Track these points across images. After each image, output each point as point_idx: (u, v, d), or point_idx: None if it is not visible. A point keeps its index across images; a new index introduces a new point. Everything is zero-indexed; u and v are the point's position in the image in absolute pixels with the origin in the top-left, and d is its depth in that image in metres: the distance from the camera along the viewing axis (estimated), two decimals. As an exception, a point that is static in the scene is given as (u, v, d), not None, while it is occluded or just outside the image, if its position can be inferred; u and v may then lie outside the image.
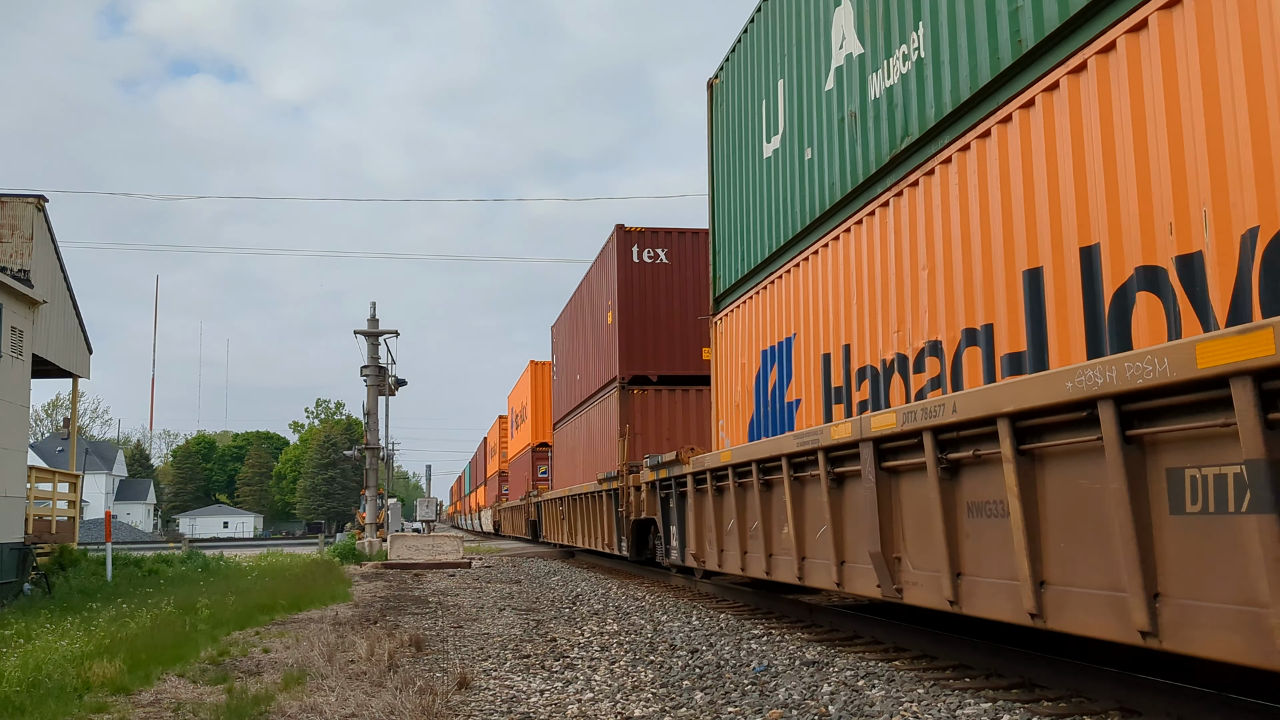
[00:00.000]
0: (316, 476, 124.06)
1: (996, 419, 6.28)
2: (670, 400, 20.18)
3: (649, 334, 20.27)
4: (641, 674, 8.57)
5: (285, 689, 7.98)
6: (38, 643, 10.09)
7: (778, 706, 7.06)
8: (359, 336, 35.09)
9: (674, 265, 20.66)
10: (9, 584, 16.45)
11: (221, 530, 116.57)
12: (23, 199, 19.14)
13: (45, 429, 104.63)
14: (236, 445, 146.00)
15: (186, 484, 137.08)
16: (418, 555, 27.02)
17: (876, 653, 9.24)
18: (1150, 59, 6.15)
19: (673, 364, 20.31)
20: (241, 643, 10.93)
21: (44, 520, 20.08)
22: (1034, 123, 7.28)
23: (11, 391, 17.06)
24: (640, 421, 19.79)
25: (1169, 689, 6.15)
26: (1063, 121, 6.94)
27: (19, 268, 18.42)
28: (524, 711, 7.11)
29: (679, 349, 20.25)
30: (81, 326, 22.34)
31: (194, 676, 8.80)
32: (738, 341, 13.82)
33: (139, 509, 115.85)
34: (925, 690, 7.30)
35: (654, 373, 20.17)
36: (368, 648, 9.96)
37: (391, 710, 7.07)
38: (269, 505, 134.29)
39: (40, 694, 7.73)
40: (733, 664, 8.90)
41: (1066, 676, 7.05)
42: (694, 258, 20.65)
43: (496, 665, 9.21)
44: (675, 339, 20.28)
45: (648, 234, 20.84)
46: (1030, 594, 6.11)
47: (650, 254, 20.61)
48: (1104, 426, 5.32)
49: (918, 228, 8.90)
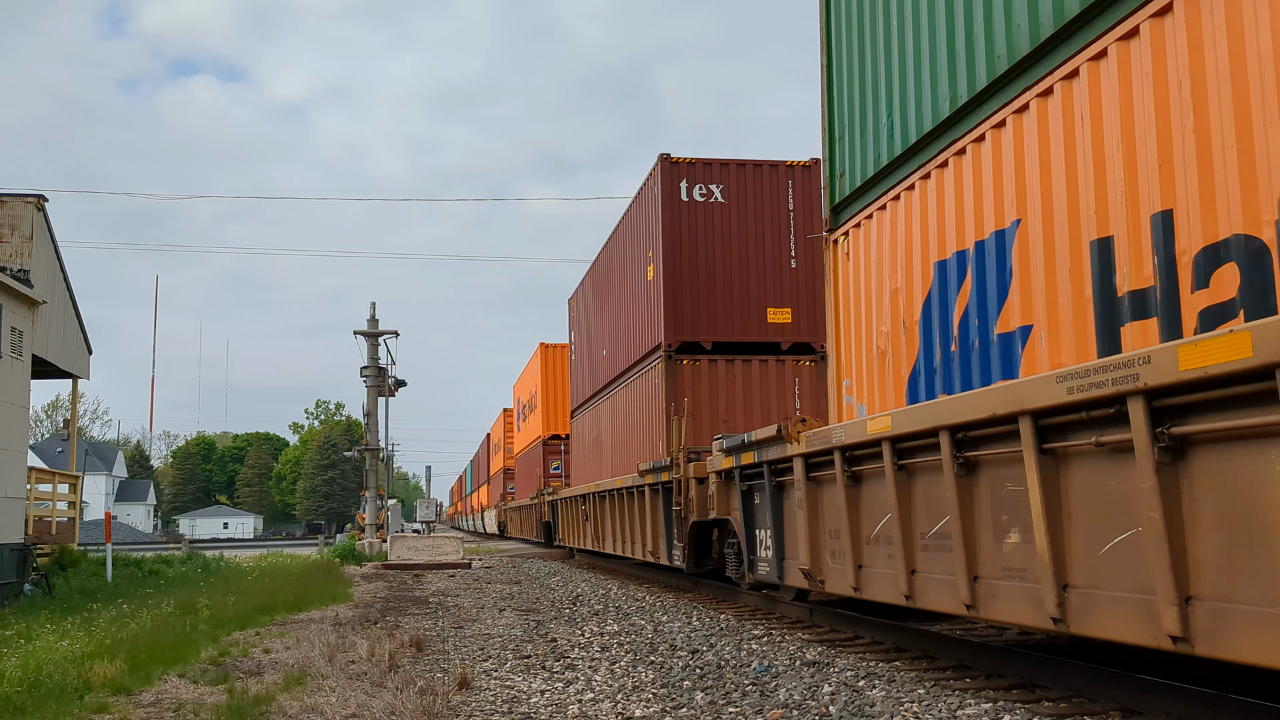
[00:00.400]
0: (316, 477, 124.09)
1: None
2: (728, 374, 16.58)
3: (701, 291, 16.74)
4: (642, 674, 8.57)
5: (286, 689, 7.98)
6: (38, 643, 10.10)
7: (778, 707, 7.06)
8: (359, 337, 35.10)
9: (732, 206, 16.93)
10: (9, 585, 16.45)
11: (221, 531, 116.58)
12: (22, 198, 19.15)
13: (45, 430, 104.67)
14: (236, 446, 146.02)
15: (186, 485, 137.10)
16: (418, 556, 27.03)
17: (877, 653, 9.24)
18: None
19: (731, 328, 16.72)
20: (242, 643, 10.93)
21: (44, 521, 20.08)
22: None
23: (11, 392, 17.06)
24: (691, 400, 16.21)
25: (1169, 689, 6.15)
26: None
27: (19, 267, 18.42)
28: (525, 712, 7.11)
29: (739, 310, 16.72)
30: (81, 327, 22.34)
31: (195, 677, 8.80)
32: (881, 259, 9.67)
33: (139, 510, 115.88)
34: (926, 691, 7.30)
35: (708, 338, 16.58)
36: (368, 648, 9.96)
37: (392, 710, 7.07)
38: (269, 506, 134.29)
39: (41, 694, 7.73)
40: (733, 664, 8.91)
41: (1067, 676, 7.05)
42: (758, 196, 17.00)
43: (497, 665, 9.22)
44: (734, 297, 16.77)
45: (699, 166, 16.98)
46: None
47: (703, 191, 16.91)
48: None
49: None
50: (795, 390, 16.43)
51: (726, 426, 16.06)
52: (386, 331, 35.21)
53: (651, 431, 17.26)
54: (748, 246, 16.83)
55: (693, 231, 16.78)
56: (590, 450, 24.18)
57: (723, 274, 16.73)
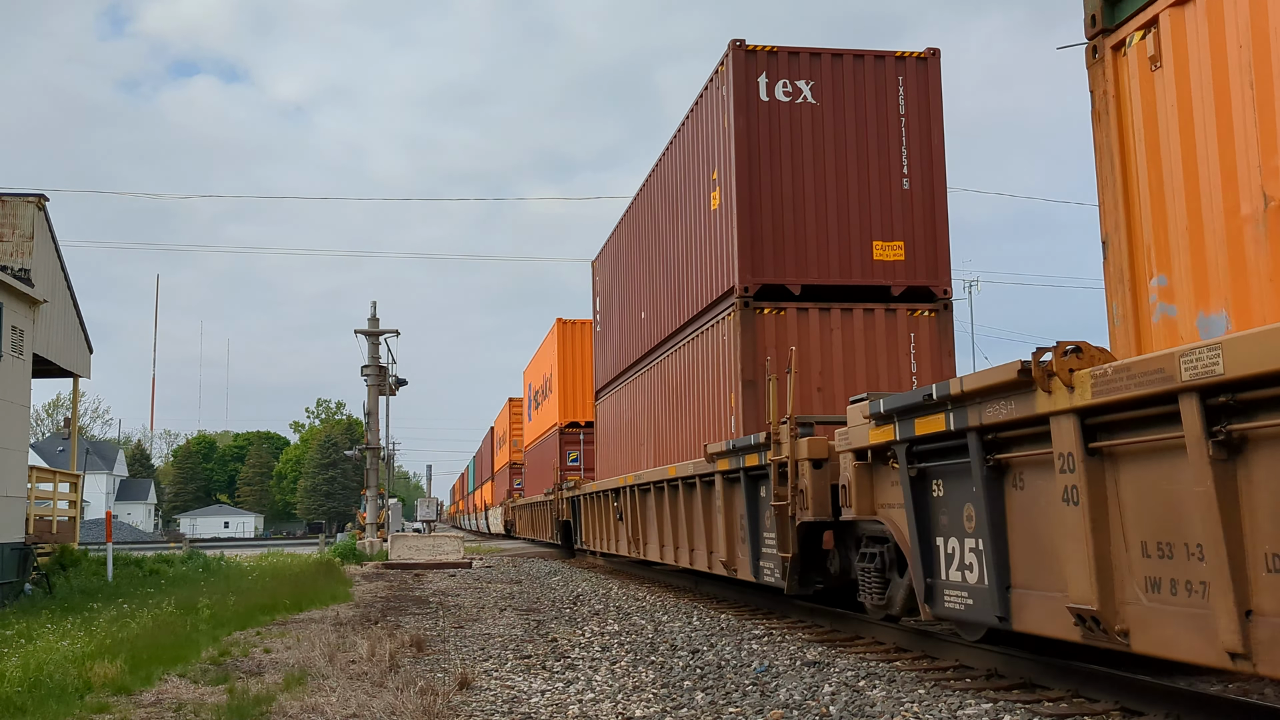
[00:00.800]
0: (317, 476, 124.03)
1: None
2: (822, 328, 12.82)
3: (786, 220, 13.00)
4: (643, 674, 8.58)
5: (286, 689, 7.99)
6: (39, 643, 10.10)
7: (779, 707, 7.06)
8: (359, 336, 35.10)
9: (826, 108, 13.24)
10: (10, 584, 16.46)
11: (222, 530, 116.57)
12: (23, 198, 19.16)
13: (46, 429, 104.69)
14: (237, 445, 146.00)
15: (187, 484, 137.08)
16: (418, 555, 27.04)
17: (878, 653, 9.23)
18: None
19: (825, 268, 13.01)
20: (242, 643, 10.94)
21: (45, 520, 20.08)
22: None
23: (12, 391, 17.07)
24: (775, 361, 12.23)
25: (1169, 689, 6.15)
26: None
27: (19, 267, 18.43)
28: (525, 712, 7.12)
29: (836, 244, 13.04)
30: (82, 326, 22.34)
31: (195, 677, 8.80)
32: (1255, 53, 5.36)
33: (139, 509, 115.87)
34: (926, 691, 7.30)
35: (795, 280, 12.88)
36: (369, 648, 9.97)
37: (393, 710, 7.07)
38: (270, 505, 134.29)
39: (42, 694, 7.74)
40: (734, 664, 8.90)
41: (1067, 677, 7.05)
42: (859, 96, 13.26)
43: (497, 665, 9.22)
44: (829, 228, 13.06)
45: (783, 57, 13.24)
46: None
47: (787, 89, 13.21)
48: None
49: None
50: (911, 349, 12.94)
51: (823, 395, 12.62)
52: (387, 330, 35.21)
53: (717, 404, 13.70)
54: (847, 161, 13.16)
55: (775, 141, 13.09)
56: (623, 436, 20.50)
57: (814, 197, 13.06)
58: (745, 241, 12.86)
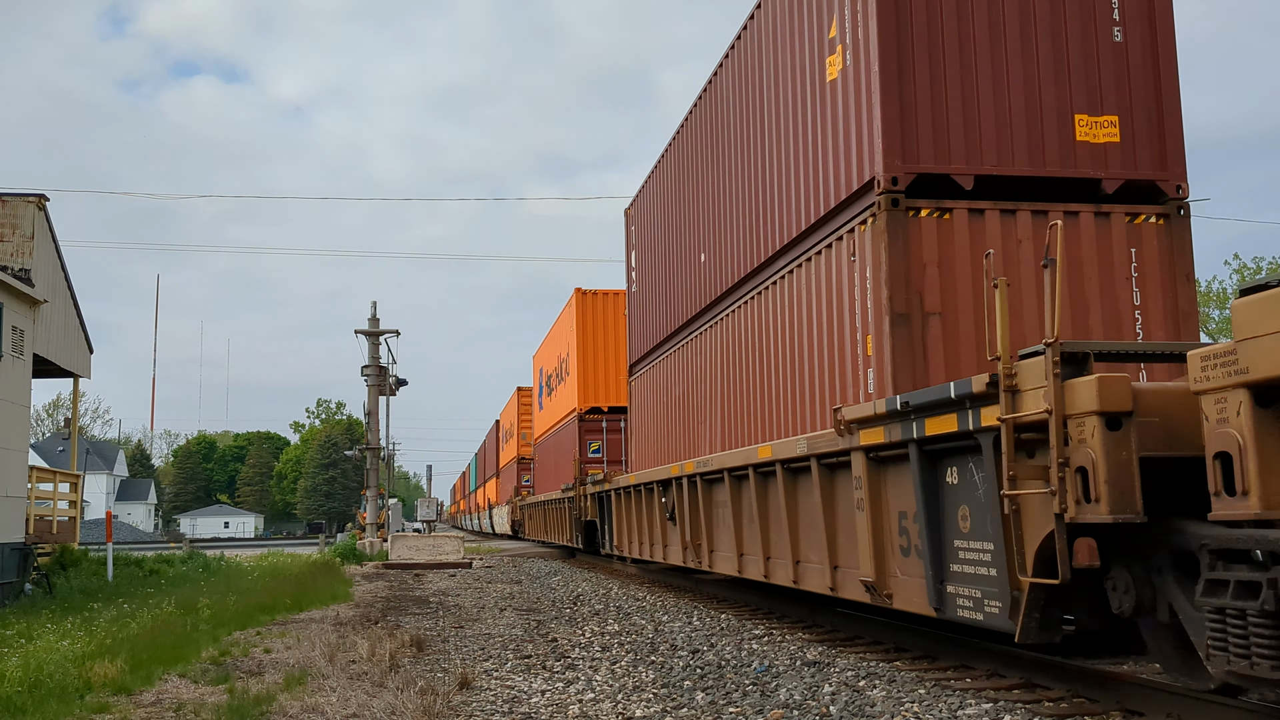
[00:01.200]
0: (317, 476, 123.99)
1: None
2: (1006, 237, 9.04)
3: (948, 86, 9.19)
4: (643, 674, 8.57)
5: (287, 689, 7.99)
6: (39, 643, 10.10)
7: (779, 707, 7.06)
8: (360, 336, 35.08)
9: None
10: (10, 584, 16.46)
11: (222, 530, 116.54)
12: (24, 198, 19.15)
13: (46, 429, 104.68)
14: (237, 445, 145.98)
15: (187, 484, 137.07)
16: (418, 555, 27.03)
17: (878, 653, 9.23)
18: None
19: (1006, 153, 9.21)
20: (243, 643, 10.93)
21: (45, 520, 20.07)
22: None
23: (12, 391, 17.07)
24: (930, 293, 8.86)
25: (1169, 690, 6.15)
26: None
27: (20, 267, 18.43)
28: (525, 712, 7.12)
29: (1021, 120, 9.23)
30: (82, 326, 22.34)
31: (195, 677, 8.80)
32: None
33: (140, 509, 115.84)
34: (926, 690, 7.30)
35: (965, 170, 9.07)
36: (369, 648, 9.96)
37: (393, 710, 7.07)
38: (270, 505, 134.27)
39: (42, 694, 7.74)
40: (734, 664, 8.90)
41: (1068, 677, 7.05)
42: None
43: (498, 665, 9.22)
44: (1010, 97, 9.26)
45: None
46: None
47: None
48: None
49: None
50: (1131, 267, 9.26)
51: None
52: (387, 330, 35.19)
53: (837, 357, 9.91)
54: (1031, 4, 9.39)
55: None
56: (670, 416, 16.73)
57: (988, 56, 9.29)
58: (892, 113, 9.00)
